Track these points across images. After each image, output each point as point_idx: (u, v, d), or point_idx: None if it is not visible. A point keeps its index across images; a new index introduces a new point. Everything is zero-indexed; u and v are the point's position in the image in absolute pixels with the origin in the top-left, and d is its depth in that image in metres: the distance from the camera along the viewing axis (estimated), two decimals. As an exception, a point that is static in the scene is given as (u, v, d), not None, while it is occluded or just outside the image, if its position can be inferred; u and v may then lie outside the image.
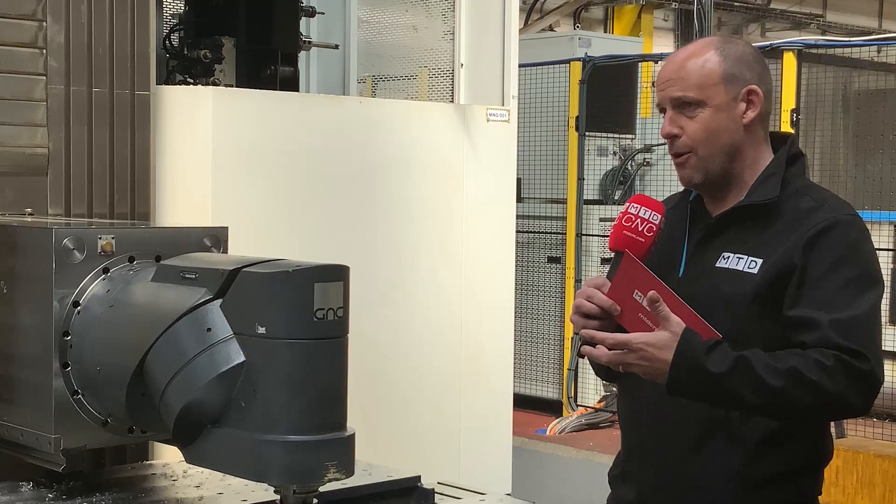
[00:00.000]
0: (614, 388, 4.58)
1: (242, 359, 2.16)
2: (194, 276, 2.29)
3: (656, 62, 7.86)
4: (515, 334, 4.92)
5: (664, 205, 2.59)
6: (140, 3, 3.49)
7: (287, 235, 4.03)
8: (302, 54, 4.65)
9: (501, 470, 4.72)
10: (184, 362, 2.20)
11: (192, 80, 4.16)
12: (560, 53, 8.40)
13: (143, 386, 2.30)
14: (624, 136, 8.35)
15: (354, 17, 5.02)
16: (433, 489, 2.70)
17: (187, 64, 4.22)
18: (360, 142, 4.26)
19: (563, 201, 8.04)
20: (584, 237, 7.91)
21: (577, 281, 7.81)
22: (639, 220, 2.50)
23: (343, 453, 2.18)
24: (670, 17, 17.48)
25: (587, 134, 7.98)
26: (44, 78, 3.33)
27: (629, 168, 8.25)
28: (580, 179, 7.91)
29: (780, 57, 6.87)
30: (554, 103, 8.03)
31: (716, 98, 2.56)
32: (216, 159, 3.83)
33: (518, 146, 4.82)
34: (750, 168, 2.61)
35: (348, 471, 2.20)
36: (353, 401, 2.22)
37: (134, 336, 2.31)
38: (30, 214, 3.17)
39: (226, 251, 2.64)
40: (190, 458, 2.29)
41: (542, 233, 8.19)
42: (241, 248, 2.68)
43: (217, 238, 2.62)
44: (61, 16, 3.34)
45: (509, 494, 3.64)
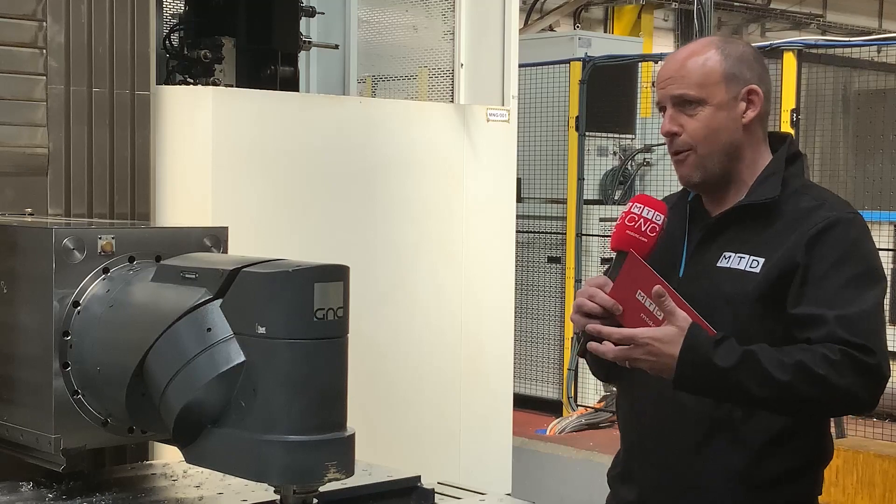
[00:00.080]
0: (614, 388, 4.57)
1: (242, 359, 2.16)
2: (194, 276, 2.29)
3: (656, 62, 7.86)
4: (515, 334, 4.91)
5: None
6: (140, 3, 3.49)
7: (287, 235, 4.03)
8: (302, 54, 4.65)
9: (501, 470, 4.72)
10: (184, 362, 2.20)
11: (192, 80, 4.16)
12: (560, 53, 8.40)
13: (143, 386, 2.30)
14: (624, 136, 8.35)
15: (354, 17, 5.02)
16: (433, 489, 2.70)
17: (187, 64, 4.22)
18: (360, 142, 4.25)
19: (563, 201, 8.03)
20: (584, 237, 7.90)
21: (577, 281, 7.81)
22: (642, 219, 2.50)
23: (343, 453, 2.18)
24: (670, 17, 17.48)
25: (587, 134, 7.97)
26: (44, 78, 3.33)
27: (629, 168, 8.24)
28: (580, 179, 7.91)
29: (780, 57, 6.87)
30: (554, 103, 8.03)
31: (716, 97, 2.56)
32: (216, 159, 3.83)
33: (518, 146, 4.81)
34: (749, 168, 2.61)
35: (348, 471, 2.20)
36: (353, 401, 2.22)
37: (134, 336, 2.31)
38: (30, 214, 3.17)
39: (226, 251, 2.64)
40: (190, 458, 2.29)
41: (542, 233, 8.19)
42: (241, 248, 2.68)
43: (217, 238, 2.62)
44: (61, 16, 3.34)
45: (509, 494, 3.63)
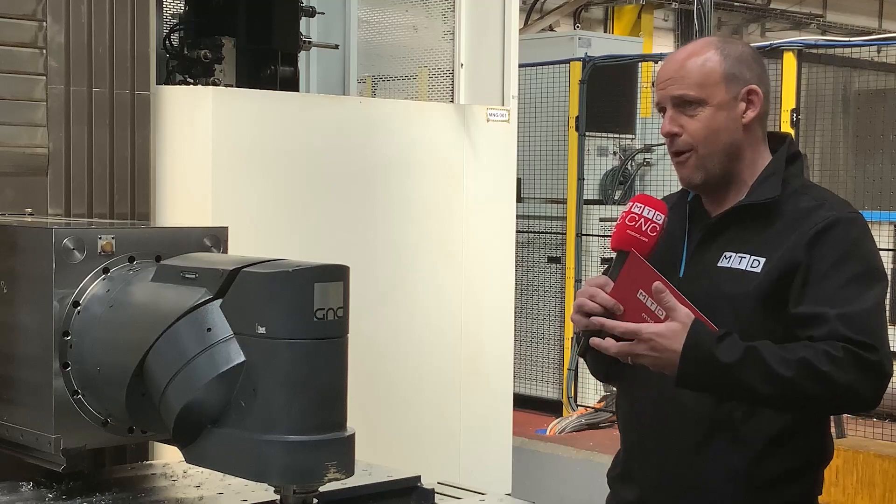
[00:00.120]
0: (614, 388, 4.57)
1: (242, 359, 2.16)
2: (194, 276, 2.29)
3: (656, 62, 7.86)
4: (515, 334, 4.91)
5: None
6: (140, 3, 3.49)
7: (287, 235, 4.03)
8: (302, 54, 4.65)
9: (501, 470, 4.72)
10: (184, 362, 2.20)
11: (192, 80, 4.16)
12: (560, 53, 8.40)
13: (143, 386, 2.29)
14: (624, 136, 8.35)
15: (354, 17, 5.02)
16: (433, 489, 2.70)
17: (187, 64, 4.22)
18: (360, 142, 4.25)
19: (563, 201, 8.03)
20: (584, 237, 7.90)
21: (577, 281, 7.80)
22: (642, 219, 2.49)
23: (343, 453, 2.18)
24: (670, 17, 17.49)
25: (587, 134, 7.97)
26: (44, 78, 3.33)
27: (629, 168, 8.25)
28: (580, 179, 7.91)
29: (780, 57, 6.86)
30: (554, 103, 8.03)
31: (716, 97, 2.56)
32: (216, 159, 3.83)
33: (518, 146, 4.81)
34: (749, 168, 2.61)
35: (348, 471, 2.20)
36: (353, 401, 2.22)
37: (134, 336, 2.31)
38: (30, 214, 3.17)
39: (226, 251, 2.64)
40: (190, 458, 2.29)
41: (542, 233, 8.19)
42: (241, 248, 2.68)
43: (217, 238, 2.62)
44: (61, 16, 3.34)
45: (509, 494, 3.63)
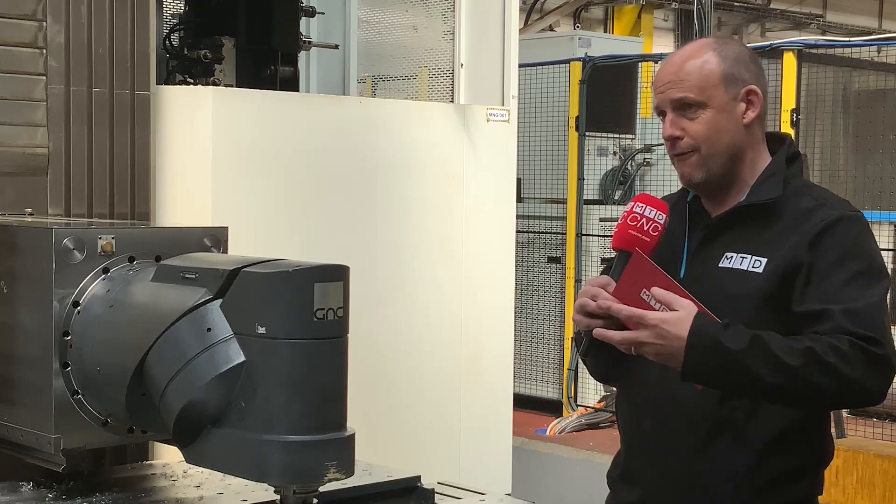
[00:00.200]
0: (614, 389, 4.57)
1: (242, 359, 2.16)
2: (194, 276, 2.29)
3: (656, 62, 7.85)
4: (515, 334, 4.91)
5: (665, 204, 2.59)
6: (140, 3, 3.49)
7: (287, 235, 4.03)
8: (302, 54, 4.65)
9: (501, 470, 4.72)
10: (184, 362, 2.20)
11: (192, 80, 4.16)
12: (560, 53, 8.40)
13: (143, 386, 2.29)
14: (624, 136, 8.35)
15: (354, 17, 5.02)
16: (433, 489, 2.70)
17: (187, 64, 4.22)
18: (360, 142, 4.25)
19: (563, 201, 8.03)
20: (584, 237, 7.90)
21: (577, 281, 7.80)
22: (644, 219, 2.49)
23: (343, 453, 2.18)
24: (670, 17, 17.49)
25: (587, 134, 7.97)
26: (44, 78, 3.33)
27: (629, 168, 8.24)
28: (580, 179, 7.91)
29: (780, 57, 6.86)
30: (554, 103, 8.03)
31: (716, 99, 2.56)
32: (216, 159, 3.83)
33: (518, 146, 4.81)
34: (749, 168, 2.61)
35: (348, 471, 2.20)
36: (353, 401, 2.22)
37: (134, 336, 2.31)
38: (30, 214, 3.17)
39: (226, 251, 2.64)
40: (190, 458, 2.29)
41: (542, 233, 8.19)
42: (241, 248, 2.68)
43: (217, 238, 2.62)
44: (61, 16, 3.34)
45: (509, 494, 3.63)
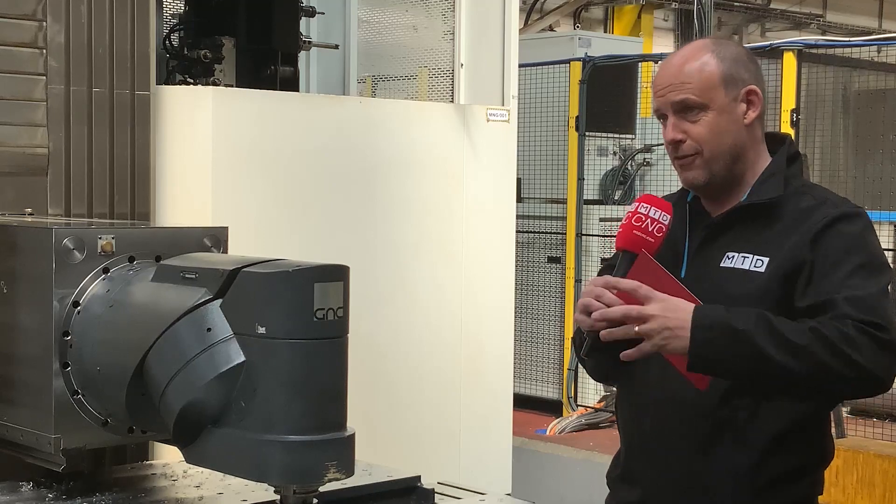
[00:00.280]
0: (614, 389, 4.57)
1: (242, 359, 2.16)
2: (194, 276, 2.29)
3: (656, 62, 7.85)
4: (515, 334, 4.91)
5: (666, 205, 2.58)
6: (140, 3, 3.49)
7: (287, 235, 4.03)
8: (302, 54, 4.65)
9: (501, 470, 4.72)
10: (184, 362, 2.19)
11: (192, 80, 4.16)
12: (560, 53, 8.40)
13: (143, 386, 2.29)
14: (624, 136, 8.35)
15: (354, 17, 5.02)
16: (433, 489, 2.69)
17: (187, 64, 4.22)
18: (360, 142, 4.25)
19: (563, 201, 8.03)
20: (584, 237, 7.91)
21: (577, 281, 7.81)
22: (649, 220, 2.49)
23: (343, 453, 2.18)
24: (670, 17, 17.49)
25: (587, 134, 7.98)
26: (44, 78, 3.33)
27: (629, 168, 8.25)
28: (580, 179, 7.91)
29: (780, 57, 6.86)
30: (554, 103, 8.03)
31: (717, 100, 2.56)
32: (216, 159, 3.83)
33: (518, 146, 4.81)
34: (750, 168, 2.62)
35: (348, 471, 2.20)
36: (353, 401, 2.22)
37: (134, 336, 2.31)
38: (30, 214, 3.17)
39: (226, 251, 2.64)
40: (190, 458, 2.29)
41: (542, 233, 8.19)
42: (241, 248, 2.68)
43: (217, 238, 2.62)
44: (61, 16, 3.34)
45: (509, 494, 3.63)
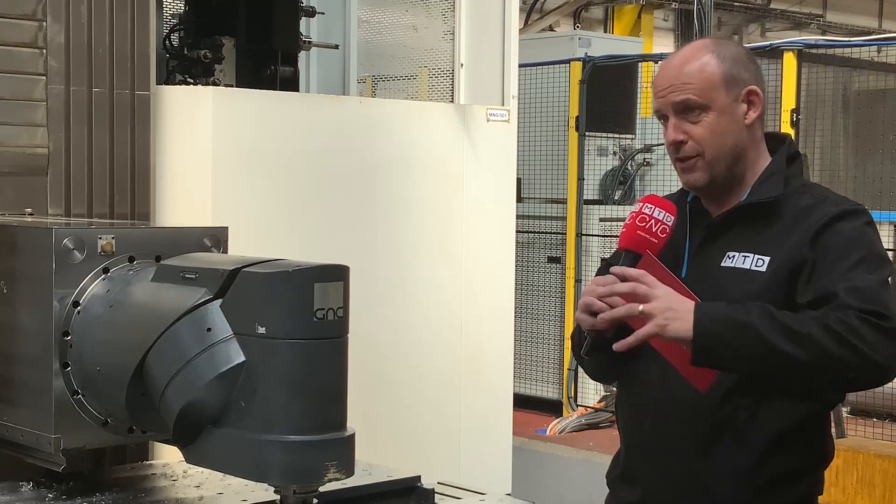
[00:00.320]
0: (614, 388, 4.57)
1: (242, 359, 2.16)
2: (194, 276, 2.29)
3: (656, 62, 7.86)
4: (515, 334, 4.91)
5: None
6: (140, 3, 3.49)
7: (287, 235, 4.03)
8: (302, 54, 4.65)
9: (501, 470, 4.72)
10: (184, 362, 2.20)
11: (192, 80, 4.16)
12: (560, 53, 8.40)
13: (143, 386, 2.29)
14: (624, 136, 8.35)
15: (354, 17, 5.02)
16: (433, 489, 2.70)
17: (187, 64, 4.22)
18: (360, 142, 4.25)
19: (563, 201, 8.04)
20: (584, 237, 7.91)
21: (577, 281, 7.81)
22: (653, 220, 2.49)
23: (343, 453, 2.18)
24: (670, 17, 17.49)
25: (587, 134, 7.98)
26: (44, 78, 3.33)
27: (629, 168, 8.25)
28: (580, 179, 7.91)
29: (780, 57, 6.86)
30: (554, 103, 8.03)
31: (718, 101, 2.56)
32: (216, 159, 3.83)
33: (518, 146, 4.81)
34: (751, 168, 2.62)
35: (348, 471, 2.20)
36: (353, 401, 2.22)
37: (134, 336, 2.31)
38: (30, 214, 3.17)
39: (226, 251, 2.64)
40: (190, 458, 2.29)
41: (542, 233, 8.19)
42: (241, 248, 2.68)
43: (217, 238, 2.62)
44: (61, 16, 3.34)
45: (509, 494, 3.63)
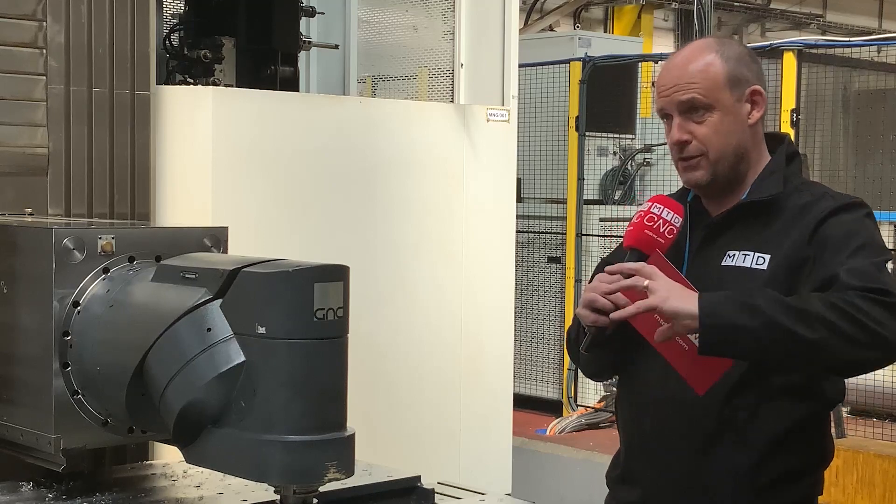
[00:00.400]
0: (614, 388, 4.58)
1: (242, 359, 2.16)
2: (194, 276, 2.29)
3: (656, 62, 7.86)
4: (515, 334, 4.91)
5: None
6: (140, 3, 3.49)
7: (287, 235, 4.03)
8: (302, 54, 4.65)
9: (501, 470, 4.72)
10: (184, 362, 2.20)
11: (192, 80, 4.16)
12: (560, 53, 8.40)
13: (143, 386, 2.29)
14: (624, 136, 8.35)
15: (354, 17, 5.02)
16: (433, 489, 2.70)
17: (187, 64, 4.22)
18: (360, 142, 4.25)
19: (563, 201, 8.04)
20: (584, 237, 7.91)
21: (578, 281, 7.81)
22: (661, 220, 2.49)
23: (343, 453, 2.18)
24: (670, 17, 17.49)
25: (587, 134, 7.98)
26: (44, 78, 3.33)
27: (629, 168, 8.25)
28: (580, 179, 7.91)
29: (780, 57, 6.86)
30: (554, 103, 8.03)
31: (723, 101, 2.56)
32: (216, 159, 3.83)
33: (518, 146, 4.81)
34: (752, 168, 2.62)
35: (348, 471, 2.20)
36: (353, 401, 2.22)
37: (134, 336, 2.31)
38: (30, 214, 3.17)
39: (226, 251, 2.64)
40: (190, 458, 2.29)
41: (542, 233, 8.19)
42: (241, 248, 2.68)
43: (217, 238, 2.62)
44: (61, 16, 3.34)
45: (509, 494, 3.63)
